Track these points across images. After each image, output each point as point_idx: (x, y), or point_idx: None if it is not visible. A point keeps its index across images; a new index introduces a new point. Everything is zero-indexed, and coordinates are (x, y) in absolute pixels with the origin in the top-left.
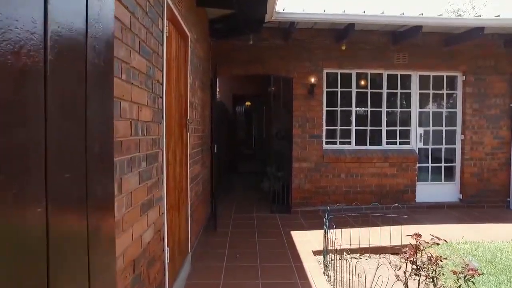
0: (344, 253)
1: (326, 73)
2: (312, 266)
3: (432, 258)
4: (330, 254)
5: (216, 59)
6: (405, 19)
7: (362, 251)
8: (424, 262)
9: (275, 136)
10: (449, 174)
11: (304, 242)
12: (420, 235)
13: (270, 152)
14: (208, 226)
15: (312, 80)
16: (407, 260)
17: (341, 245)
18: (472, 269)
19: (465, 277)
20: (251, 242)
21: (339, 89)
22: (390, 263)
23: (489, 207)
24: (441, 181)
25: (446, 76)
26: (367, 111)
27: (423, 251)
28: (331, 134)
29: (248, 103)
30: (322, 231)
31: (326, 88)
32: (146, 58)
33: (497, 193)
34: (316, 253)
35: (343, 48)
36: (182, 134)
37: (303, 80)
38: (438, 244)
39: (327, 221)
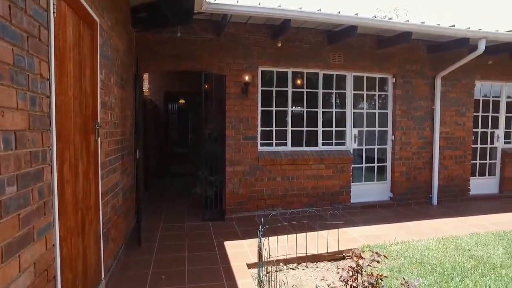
0: (281, 264)
1: (262, 71)
2: (246, 283)
3: (372, 283)
4: (266, 266)
5: (141, 53)
6: (341, 18)
7: (300, 260)
8: (365, 287)
9: (208, 137)
10: (381, 173)
11: (239, 254)
12: (360, 256)
13: (202, 155)
14: (131, 241)
15: (247, 78)
16: (347, 284)
17: (277, 256)
18: None
19: None
20: (179, 258)
21: (274, 88)
22: (329, 286)
23: (415, 204)
24: (374, 180)
25: (379, 77)
26: (303, 111)
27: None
28: (266, 135)
29: (182, 101)
30: (257, 240)
31: (262, 87)
32: (12, 43)
33: (421, 190)
34: (251, 266)
35: (279, 45)
36: (88, 141)
37: (237, 78)
38: (378, 261)
39: (261, 233)
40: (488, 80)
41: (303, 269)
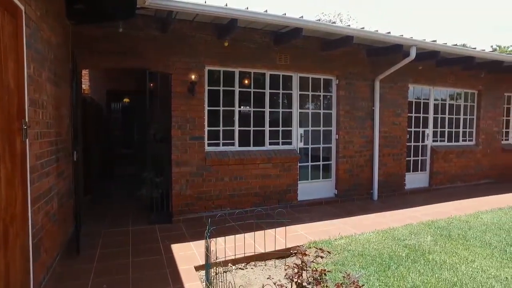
0: (230, 264)
1: (209, 70)
2: (194, 286)
3: (316, 278)
4: (214, 267)
5: (79, 48)
6: (287, 20)
7: (248, 259)
8: (309, 282)
9: (153, 137)
10: (326, 171)
11: (187, 256)
12: (305, 253)
13: (148, 156)
14: (69, 250)
15: (193, 77)
16: (292, 281)
17: (225, 257)
18: (353, 282)
19: None
20: (123, 264)
21: (222, 88)
22: (275, 284)
23: (358, 199)
24: (319, 178)
25: (323, 79)
26: (251, 111)
27: (310, 263)
28: (213, 135)
29: (126, 100)
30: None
31: (209, 86)
32: None
33: (363, 186)
34: (199, 268)
35: (226, 44)
36: (12, 142)
37: (183, 77)
38: (322, 257)
39: (208, 234)
40: (419, 84)
41: (252, 269)
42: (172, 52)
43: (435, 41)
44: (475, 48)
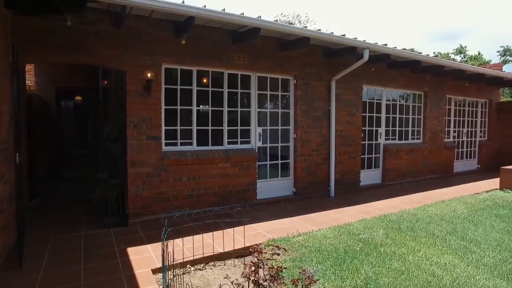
0: (188, 265)
1: (165, 68)
2: None
3: (273, 275)
4: (172, 269)
5: (21, 40)
6: (245, 19)
7: (207, 259)
8: (265, 280)
9: (107, 137)
10: (285, 170)
11: (143, 260)
12: (260, 251)
13: (102, 157)
14: (11, 261)
15: (149, 75)
16: (249, 279)
17: (183, 258)
18: (308, 277)
19: (303, 286)
20: (74, 272)
21: (179, 87)
22: (232, 283)
23: (316, 197)
24: (278, 177)
25: (281, 79)
26: (209, 110)
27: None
28: (171, 135)
29: (78, 98)
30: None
31: (166, 85)
32: None
33: (321, 184)
34: (156, 271)
35: (183, 42)
36: None
37: (139, 75)
38: (278, 254)
39: (165, 235)
40: (372, 85)
41: (211, 269)
42: (127, 49)
43: (386, 44)
44: (421, 53)
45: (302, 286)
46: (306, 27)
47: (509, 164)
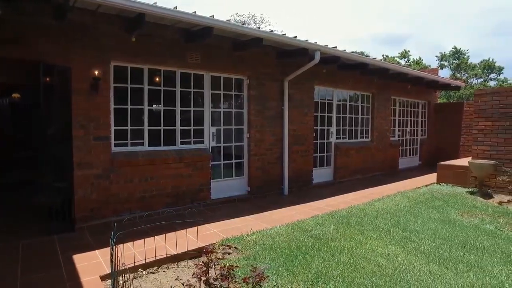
0: (140, 269)
1: (115, 66)
2: None
3: (224, 274)
4: (122, 275)
5: None
6: (197, 18)
7: (160, 262)
8: (216, 279)
9: (52, 138)
10: (239, 169)
11: (91, 266)
12: (210, 251)
13: (45, 158)
14: None
15: (96, 72)
16: (200, 280)
17: (134, 262)
18: (259, 274)
19: (253, 283)
20: (9, 286)
21: (129, 85)
22: (183, 284)
23: (270, 195)
24: (232, 176)
25: (235, 78)
26: (161, 110)
27: (217, 261)
28: (121, 135)
29: (16, 95)
30: (114, 249)
31: (115, 83)
32: None
33: (275, 183)
34: (105, 277)
35: (133, 40)
36: None
37: (86, 72)
38: (229, 253)
39: (114, 239)
40: (324, 85)
41: (164, 272)
42: (72, 44)
43: (336, 47)
44: (369, 56)
45: (253, 283)
46: (259, 27)
47: (446, 159)
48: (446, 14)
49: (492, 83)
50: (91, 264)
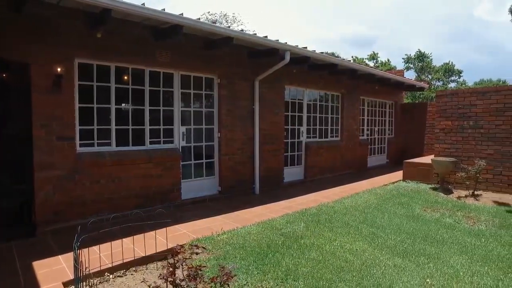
0: (106, 273)
1: (79, 63)
2: None
3: (192, 274)
4: (87, 280)
5: None
6: (166, 16)
7: (128, 265)
8: (183, 279)
9: (11, 138)
10: (210, 169)
11: (53, 273)
12: (177, 252)
13: (3, 160)
14: None
15: (59, 69)
16: (167, 281)
17: (100, 266)
18: (226, 274)
19: (221, 282)
20: None
21: (95, 83)
22: (150, 286)
23: (241, 195)
24: (203, 176)
25: (205, 78)
26: (129, 109)
27: (186, 260)
28: (87, 135)
29: None
30: (74, 252)
31: (80, 81)
32: None
33: (246, 182)
34: (68, 284)
35: (99, 36)
36: None
37: (47, 69)
38: (197, 253)
39: (77, 243)
40: (294, 85)
41: (132, 275)
42: (32, 38)
43: (306, 48)
44: (338, 57)
45: (221, 282)
46: (229, 27)
47: (411, 157)
48: (412, 19)
49: (452, 85)
50: (53, 271)
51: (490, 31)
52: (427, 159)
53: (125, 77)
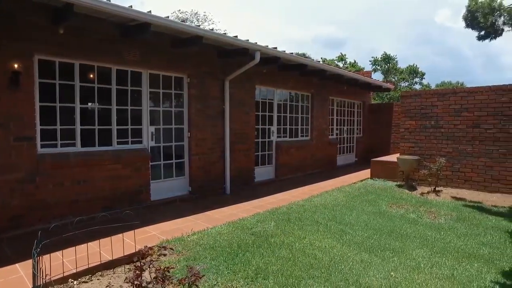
0: (70, 280)
1: (40, 60)
2: None
3: (159, 276)
4: (49, 287)
5: None
6: (132, 13)
7: (94, 270)
8: (150, 282)
9: None
10: (180, 169)
11: (9, 283)
12: (143, 254)
13: None
14: None
15: (16, 66)
16: (133, 284)
17: (63, 272)
18: (194, 274)
19: (189, 283)
20: None
21: (58, 81)
22: None
23: (212, 195)
24: (173, 176)
25: (175, 77)
26: (95, 108)
27: (153, 262)
28: (49, 135)
29: None
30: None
31: (41, 78)
32: None
33: (217, 182)
34: None
35: (61, 32)
36: None
37: (4, 65)
38: (165, 255)
39: (37, 250)
40: (264, 85)
41: (98, 279)
42: None
43: (276, 48)
44: (307, 58)
45: (189, 283)
46: (200, 26)
47: (379, 156)
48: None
49: (417, 87)
50: (9, 280)
51: (450, 36)
52: (393, 158)
53: (91, 76)
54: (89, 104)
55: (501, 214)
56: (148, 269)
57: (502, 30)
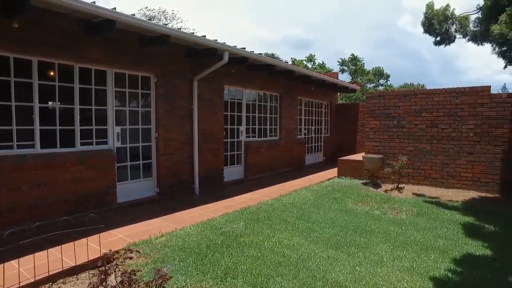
0: None
1: None
2: None
3: (125, 280)
4: None
5: None
6: (95, 9)
7: (55, 277)
8: (115, 286)
9: None
10: (147, 170)
11: None
12: (110, 258)
13: None
14: None
15: None
16: None
17: (19, 282)
18: (161, 276)
19: (156, 285)
20: None
21: (13, 79)
22: None
23: (181, 196)
24: (140, 178)
25: (141, 76)
26: (56, 107)
27: (119, 266)
28: (4, 136)
29: None
30: None
31: None
32: None
33: (185, 182)
34: None
35: (16, 26)
36: None
37: None
38: (131, 258)
39: None
40: (233, 85)
41: (59, 287)
42: None
43: (244, 48)
44: (278, 58)
45: (156, 285)
46: (167, 24)
47: (345, 155)
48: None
49: (381, 88)
50: None
51: (411, 40)
52: (358, 157)
53: (51, 73)
54: (50, 103)
55: (455, 208)
56: (113, 273)
57: (455, 37)
